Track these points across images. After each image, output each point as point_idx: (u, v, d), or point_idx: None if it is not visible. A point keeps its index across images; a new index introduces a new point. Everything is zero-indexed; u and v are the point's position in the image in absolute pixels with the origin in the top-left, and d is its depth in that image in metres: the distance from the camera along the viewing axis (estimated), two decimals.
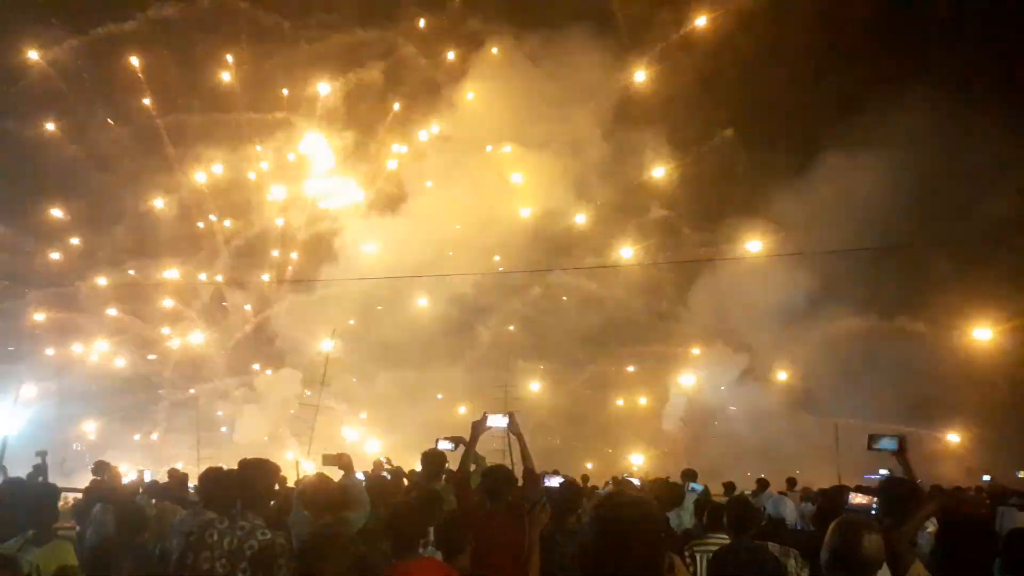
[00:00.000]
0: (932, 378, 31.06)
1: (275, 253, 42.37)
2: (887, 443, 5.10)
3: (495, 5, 39.89)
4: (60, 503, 13.80)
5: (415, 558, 4.29)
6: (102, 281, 38.47)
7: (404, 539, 4.25)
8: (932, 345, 30.85)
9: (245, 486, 4.23)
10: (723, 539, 5.95)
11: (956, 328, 29.73)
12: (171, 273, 39.87)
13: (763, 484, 14.18)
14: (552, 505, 5.93)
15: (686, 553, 6.06)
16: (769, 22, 33.91)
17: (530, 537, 4.54)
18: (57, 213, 39.08)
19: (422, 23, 41.42)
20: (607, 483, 14.39)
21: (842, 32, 36.02)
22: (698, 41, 36.51)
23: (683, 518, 8.56)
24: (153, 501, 9.26)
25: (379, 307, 39.09)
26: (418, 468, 7.96)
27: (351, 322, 38.44)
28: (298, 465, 16.13)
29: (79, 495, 15.83)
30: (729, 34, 35.52)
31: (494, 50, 39.28)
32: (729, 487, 13.23)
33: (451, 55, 41.01)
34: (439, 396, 36.61)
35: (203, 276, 41.20)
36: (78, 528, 9.51)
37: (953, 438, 31.40)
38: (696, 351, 37.66)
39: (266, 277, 41.71)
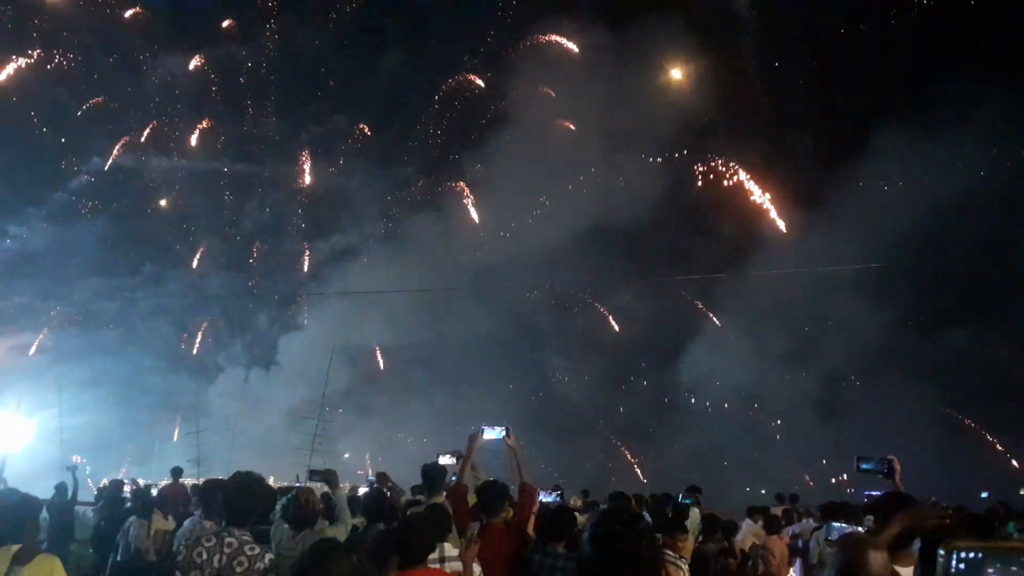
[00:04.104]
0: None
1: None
2: (874, 465, 4.99)
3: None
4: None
5: (421, 569, 4.26)
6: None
7: (413, 551, 4.20)
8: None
9: (231, 501, 4.16)
10: (668, 553, 5.89)
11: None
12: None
13: (793, 499, 13.95)
14: (543, 526, 5.87)
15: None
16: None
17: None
18: None
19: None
20: (607, 498, 14.25)
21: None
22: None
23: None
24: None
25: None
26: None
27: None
28: (297, 479, 15.99)
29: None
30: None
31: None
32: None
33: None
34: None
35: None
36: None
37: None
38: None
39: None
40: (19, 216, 39.78)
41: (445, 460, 7.37)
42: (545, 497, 6.44)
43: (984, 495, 16.31)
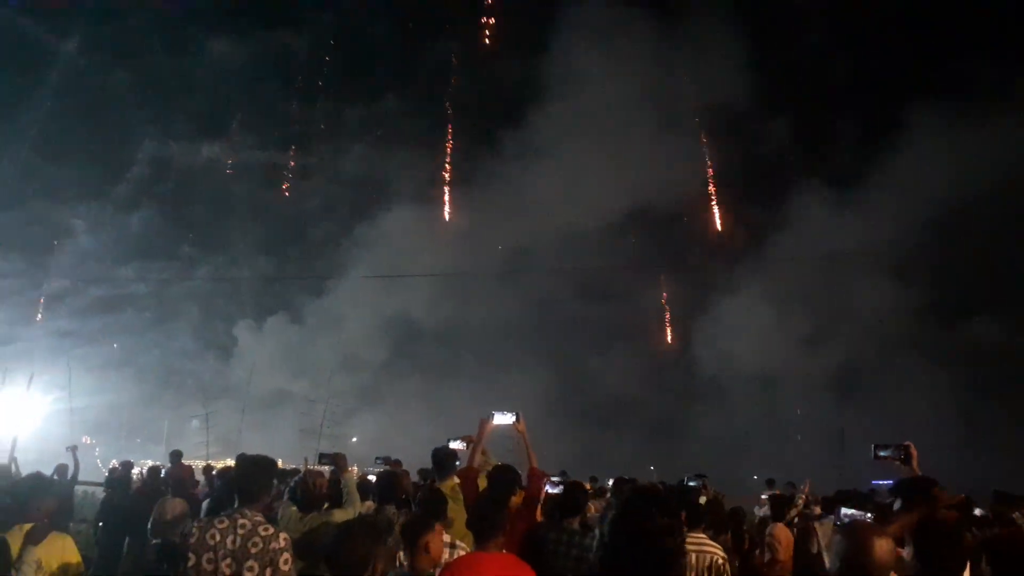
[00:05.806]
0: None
1: None
2: (891, 452, 5.01)
3: None
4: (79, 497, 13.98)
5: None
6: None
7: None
8: None
9: (242, 482, 4.20)
10: (699, 537, 5.76)
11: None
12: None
13: (790, 486, 13.81)
14: (554, 507, 5.90)
15: None
16: None
17: None
18: None
19: None
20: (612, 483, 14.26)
21: None
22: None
23: None
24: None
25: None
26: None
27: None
28: (306, 463, 16.09)
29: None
30: None
31: None
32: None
33: None
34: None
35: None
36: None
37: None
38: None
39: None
40: (79, 209, 40.46)
41: (455, 444, 7.41)
42: (552, 490, 6.47)
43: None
